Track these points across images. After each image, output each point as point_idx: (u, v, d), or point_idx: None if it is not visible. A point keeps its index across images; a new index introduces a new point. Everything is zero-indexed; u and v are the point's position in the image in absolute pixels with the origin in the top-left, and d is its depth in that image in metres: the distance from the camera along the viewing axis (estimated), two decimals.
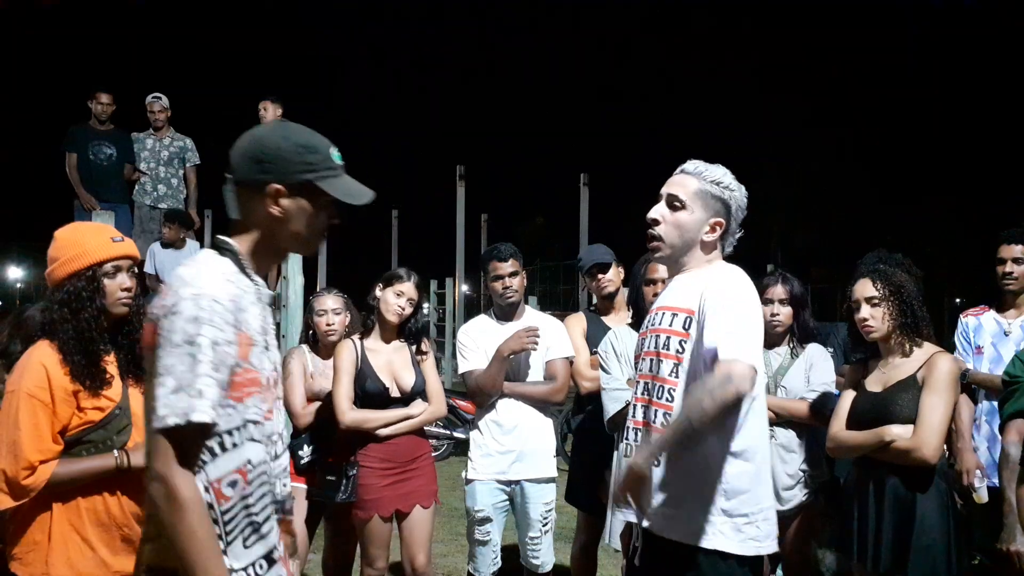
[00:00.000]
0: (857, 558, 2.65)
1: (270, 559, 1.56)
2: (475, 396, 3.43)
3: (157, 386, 1.41)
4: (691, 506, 2.00)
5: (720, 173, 2.14)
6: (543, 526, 3.40)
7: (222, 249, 1.58)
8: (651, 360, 2.14)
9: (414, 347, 3.37)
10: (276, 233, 1.59)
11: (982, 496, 3.31)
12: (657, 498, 2.03)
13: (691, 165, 2.16)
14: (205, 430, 1.43)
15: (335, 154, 1.60)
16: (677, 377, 2.06)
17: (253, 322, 1.54)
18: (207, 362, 1.41)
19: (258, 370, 1.54)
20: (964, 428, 3.39)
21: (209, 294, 1.44)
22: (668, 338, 2.09)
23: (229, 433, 1.48)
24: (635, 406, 2.20)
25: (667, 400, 2.07)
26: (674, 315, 2.10)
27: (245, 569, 1.50)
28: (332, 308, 3.49)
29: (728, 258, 2.23)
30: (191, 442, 1.42)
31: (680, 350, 2.06)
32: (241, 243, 1.59)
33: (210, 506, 1.46)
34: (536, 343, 3.31)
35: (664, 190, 2.15)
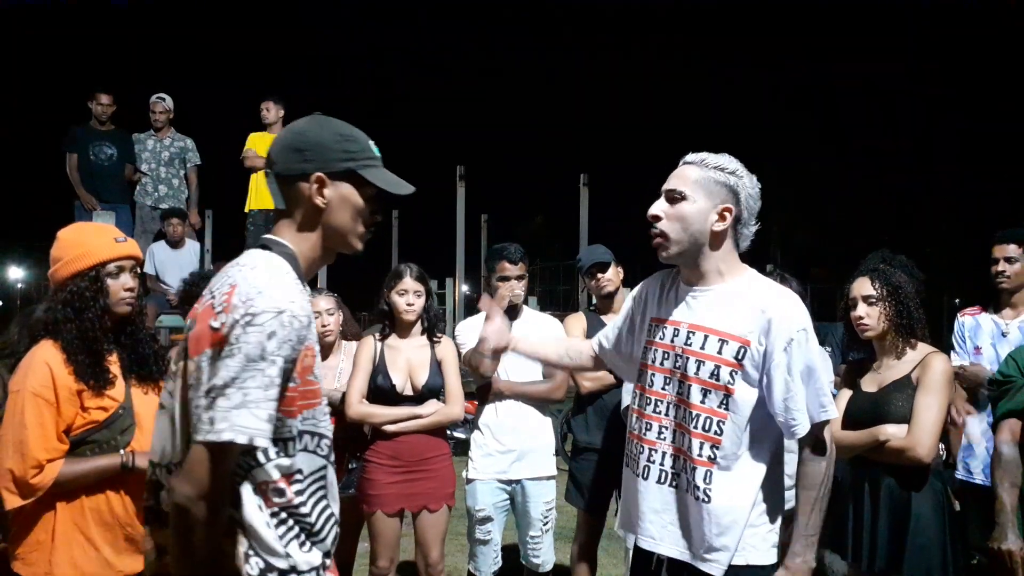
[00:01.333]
0: (852, 558, 2.66)
1: (324, 565, 1.53)
2: (481, 394, 3.44)
3: (217, 395, 1.36)
4: (751, 531, 1.94)
5: (725, 160, 1.97)
6: (544, 525, 3.41)
7: (273, 249, 1.54)
8: (683, 383, 1.97)
9: (436, 344, 3.36)
10: (321, 226, 1.56)
11: (972, 433, 3.46)
12: (707, 533, 1.92)
13: (691, 156, 1.99)
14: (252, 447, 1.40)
15: (373, 147, 1.59)
16: (727, 409, 1.91)
17: (314, 334, 1.51)
18: (277, 383, 1.38)
19: (318, 382, 1.52)
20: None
21: (290, 310, 1.40)
22: (718, 367, 1.91)
23: (275, 444, 1.43)
24: (661, 427, 2.00)
25: (716, 433, 1.91)
26: (722, 341, 1.91)
27: (308, 572, 1.48)
28: (326, 309, 3.50)
29: None
30: (234, 457, 1.39)
31: (731, 381, 1.90)
32: (290, 240, 1.55)
33: (260, 508, 1.44)
34: (518, 293, 3.40)
35: (664, 186, 1.98)
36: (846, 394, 2.78)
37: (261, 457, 1.43)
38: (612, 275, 3.63)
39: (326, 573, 1.54)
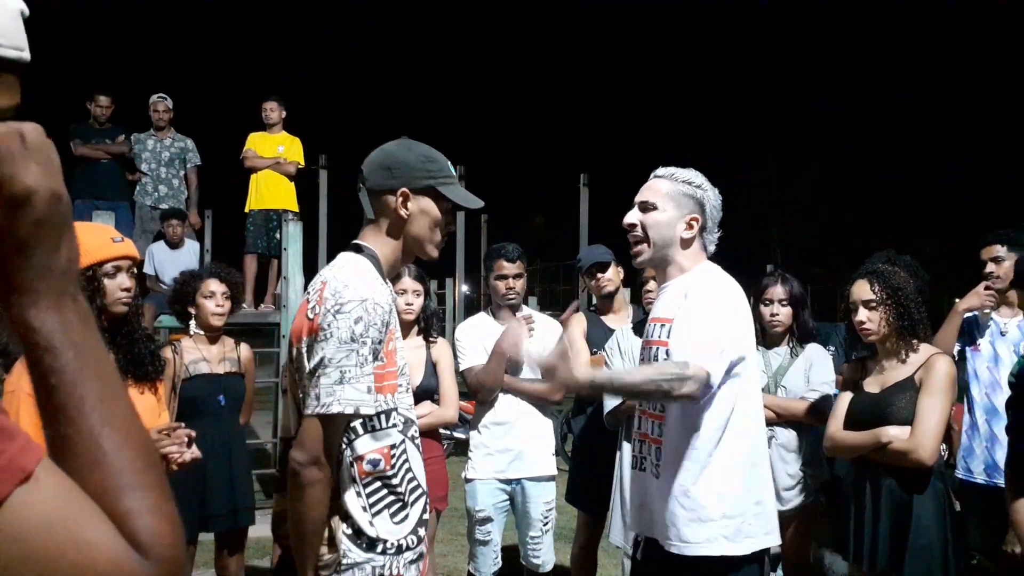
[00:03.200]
0: (853, 558, 2.65)
1: (418, 536, 1.72)
2: (476, 393, 3.43)
3: (319, 376, 1.58)
4: (689, 515, 2.00)
5: (692, 174, 2.17)
6: (544, 525, 3.40)
7: (360, 251, 1.78)
8: None
9: (432, 345, 3.34)
10: (403, 234, 1.79)
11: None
12: (657, 510, 2.05)
13: (661, 170, 2.20)
14: (355, 418, 1.62)
15: (451, 167, 1.83)
16: None
17: (396, 322, 1.75)
18: (370, 360, 1.61)
19: (399, 364, 1.74)
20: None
21: (372, 298, 1.63)
22: (657, 349, 2.12)
23: (370, 419, 1.65)
24: (639, 417, 2.20)
25: (659, 411, 2.10)
26: (662, 326, 2.13)
27: (397, 542, 1.67)
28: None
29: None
30: (340, 428, 1.62)
31: (665, 358, 2.07)
32: (375, 244, 1.79)
33: (354, 479, 1.65)
34: (533, 328, 3.31)
35: (636, 198, 2.18)
36: (848, 394, 2.78)
37: (360, 429, 1.65)
38: (612, 275, 3.62)
39: (416, 548, 1.71)
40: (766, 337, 3.22)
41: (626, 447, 3.11)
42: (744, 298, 2.12)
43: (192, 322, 3.45)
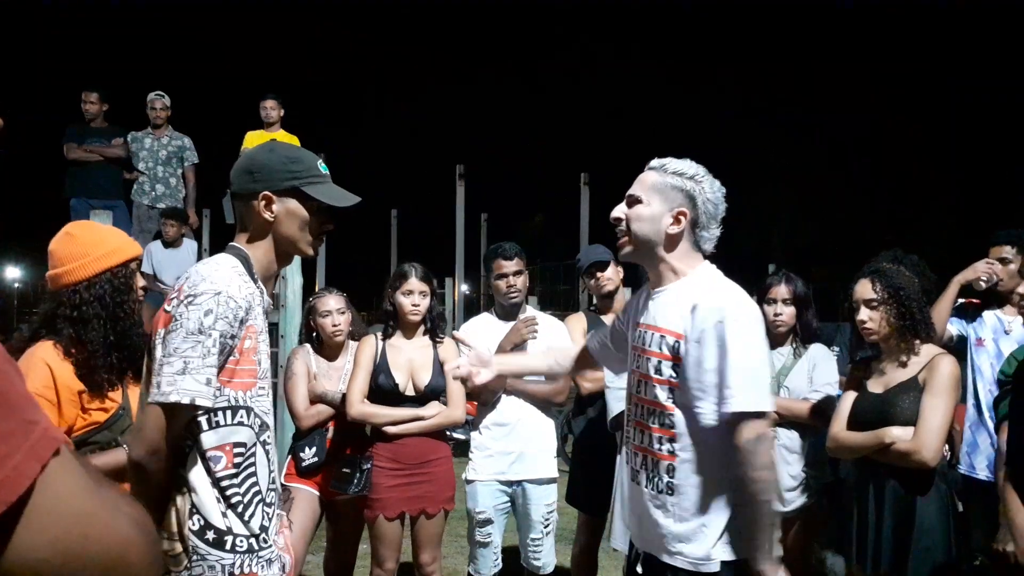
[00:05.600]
0: (856, 560, 2.64)
1: (268, 539, 1.72)
2: (479, 394, 3.41)
3: (164, 364, 1.59)
4: (694, 526, 1.93)
5: (685, 165, 2.01)
6: (544, 527, 3.38)
7: (230, 251, 1.78)
8: (643, 382, 2.03)
9: (439, 345, 3.33)
10: (273, 237, 1.80)
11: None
12: (661, 527, 1.96)
13: (654, 161, 2.05)
14: (195, 410, 1.61)
15: (321, 165, 1.81)
16: (675, 404, 1.95)
17: (259, 321, 1.74)
18: (214, 353, 1.60)
19: (257, 364, 1.72)
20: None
21: (227, 292, 1.64)
22: (660, 362, 1.97)
23: (214, 413, 1.65)
24: (634, 429, 2.07)
25: (668, 426, 1.96)
26: (662, 337, 1.97)
27: (249, 542, 1.68)
28: (336, 308, 3.46)
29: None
30: (181, 418, 1.61)
31: (673, 375, 1.94)
32: (247, 247, 1.79)
33: (208, 471, 1.65)
34: (536, 332, 3.29)
35: (627, 192, 2.06)
36: (851, 395, 2.76)
37: (204, 423, 1.64)
38: (612, 274, 3.61)
39: (270, 541, 1.72)
40: (769, 337, 3.19)
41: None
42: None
43: None
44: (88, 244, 2.17)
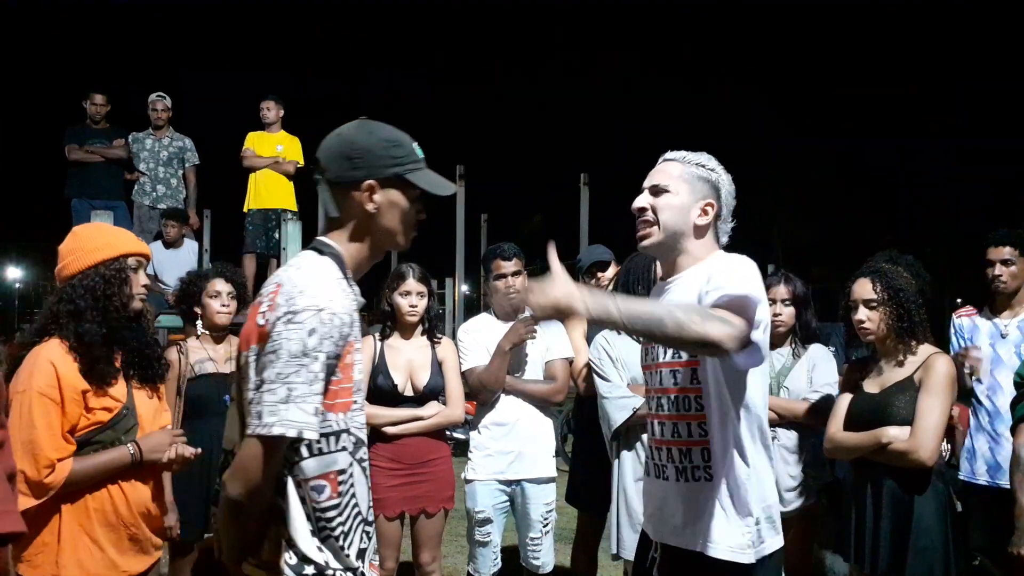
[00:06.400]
0: (855, 560, 2.64)
1: (363, 569, 1.57)
2: (478, 393, 3.41)
3: (264, 391, 1.43)
4: (708, 518, 1.88)
5: (704, 157, 1.98)
6: (544, 527, 3.38)
7: (323, 251, 1.60)
8: (669, 371, 1.95)
9: (437, 345, 3.33)
10: (371, 230, 1.62)
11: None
12: (676, 513, 1.92)
13: (672, 153, 2.00)
14: (300, 441, 1.47)
15: (417, 149, 1.64)
16: (699, 383, 1.88)
17: (357, 332, 1.56)
18: (320, 378, 1.45)
19: (355, 381, 1.57)
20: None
21: (330, 308, 1.46)
22: (668, 349, 1.92)
23: (318, 440, 1.49)
24: (656, 423, 1.99)
25: (696, 410, 1.89)
26: None
27: (344, 572, 1.53)
28: None
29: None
30: (282, 450, 1.46)
31: (695, 354, 1.86)
32: (340, 244, 1.61)
33: (302, 501, 1.50)
34: (535, 333, 3.30)
35: (646, 182, 1.99)
36: (848, 395, 2.76)
37: (304, 451, 1.49)
38: (612, 274, 3.61)
39: (364, 569, 1.57)
40: (769, 338, 3.19)
41: (626, 456, 3.09)
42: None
43: (199, 322, 3.45)
44: (85, 239, 2.21)
